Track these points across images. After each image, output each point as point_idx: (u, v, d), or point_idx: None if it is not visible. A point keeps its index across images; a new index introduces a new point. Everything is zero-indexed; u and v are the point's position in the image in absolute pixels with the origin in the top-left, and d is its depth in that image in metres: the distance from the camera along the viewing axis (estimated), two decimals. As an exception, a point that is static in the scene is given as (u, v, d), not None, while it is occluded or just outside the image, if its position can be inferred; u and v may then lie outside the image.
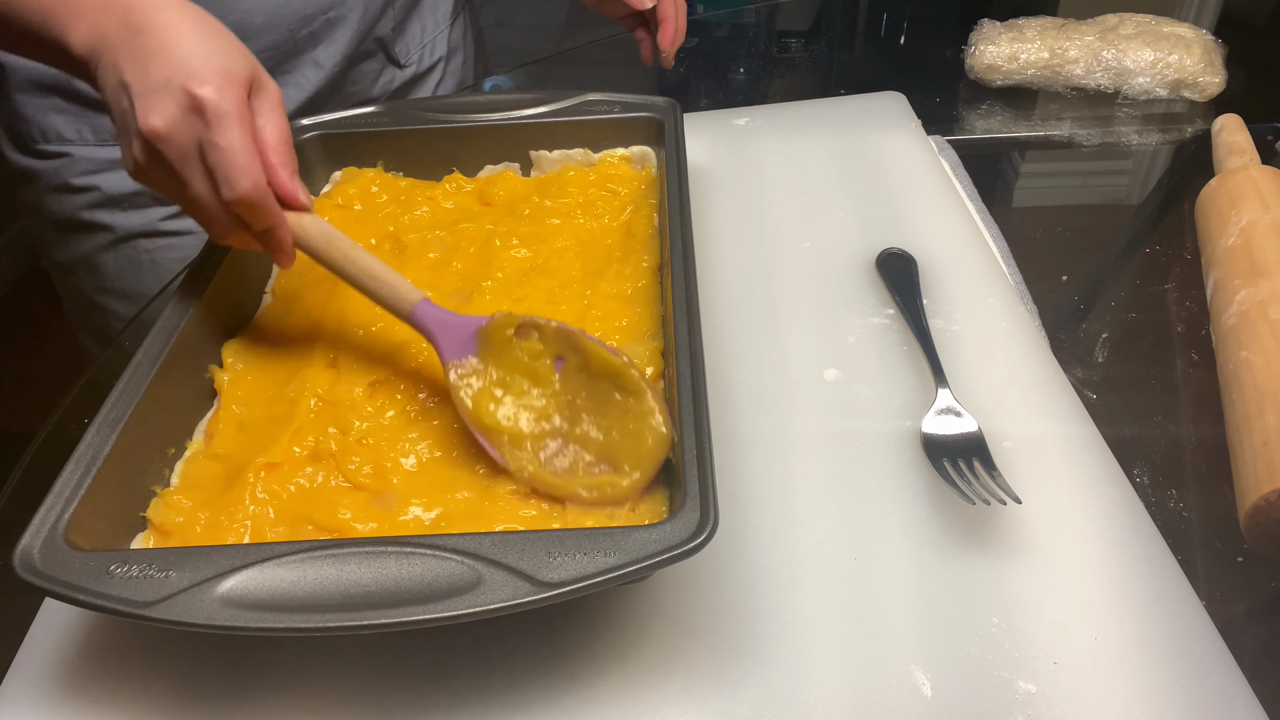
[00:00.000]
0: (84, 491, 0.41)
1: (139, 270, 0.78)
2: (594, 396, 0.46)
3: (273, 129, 0.48)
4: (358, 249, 0.51)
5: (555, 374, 0.48)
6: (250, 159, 0.46)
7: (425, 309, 0.50)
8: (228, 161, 0.45)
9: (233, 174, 0.45)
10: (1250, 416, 0.50)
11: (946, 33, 1.04)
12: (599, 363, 0.46)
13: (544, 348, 0.48)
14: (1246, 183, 0.65)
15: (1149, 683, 0.40)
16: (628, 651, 0.43)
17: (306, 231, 0.50)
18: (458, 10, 0.91)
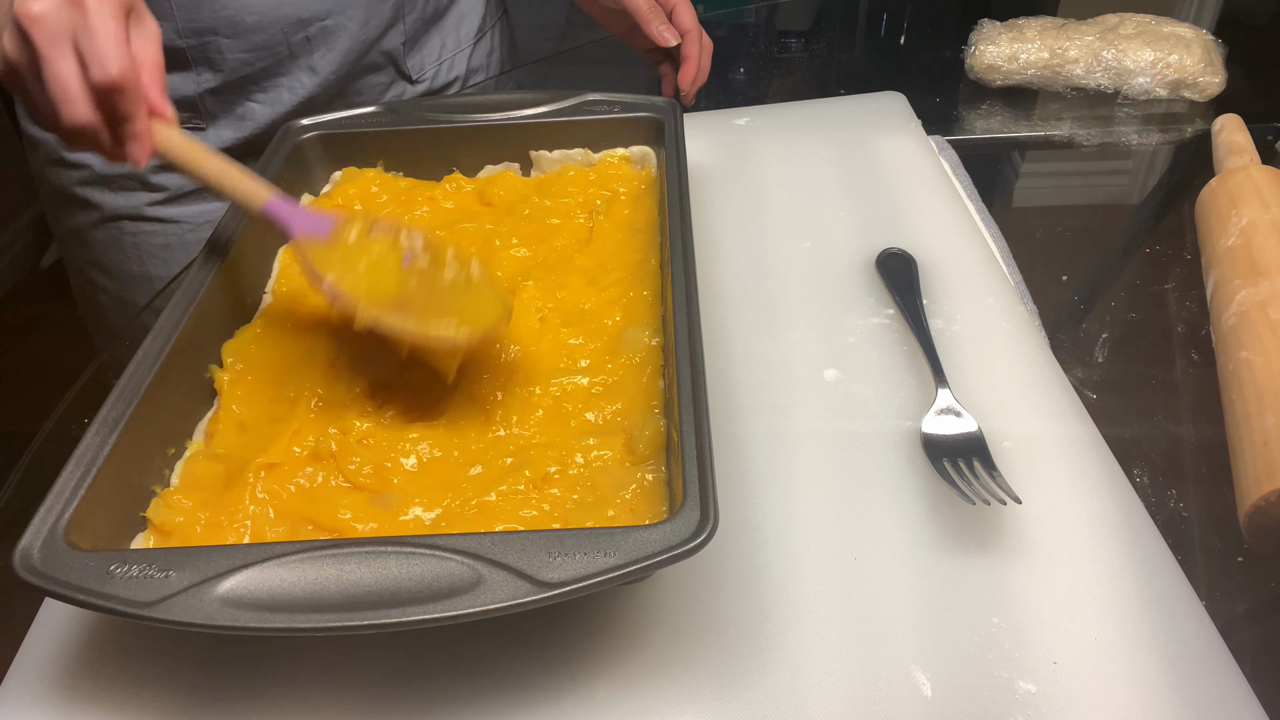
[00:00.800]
0: (84, 491, 0.41)
1: (123, 250, 0.80)
2: (439, 279, 0.50)
3: (146, 51, 0.50)
4: (216, 154, 0.53)
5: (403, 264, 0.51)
6: (122, 49, 0.47)
7: (278, 202, 0.53)
8: (101, 45, 0.46)
9: (105, 56, 0.46)
10: (1250, 416, 0.50)
11: (946, 33, 1.04)
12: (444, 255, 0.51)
13: (394, 240, 0.51)
14: (1246, 183, 0.65)
15: (1149, 682, 0.40)
16: (628, 651, 0.43)
17: (168, 133, 0.52)
18: (484, 30, 0.91)
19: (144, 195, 0.78)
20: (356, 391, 0.51)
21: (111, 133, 0.49)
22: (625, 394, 0.50)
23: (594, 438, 0.48)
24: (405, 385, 0.52)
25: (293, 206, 0.53)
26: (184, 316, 0.51)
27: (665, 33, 0.78)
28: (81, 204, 0.79)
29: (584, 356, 0.53)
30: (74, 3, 0.46)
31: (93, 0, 0.46)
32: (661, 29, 0.77)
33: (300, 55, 0.77)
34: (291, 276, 0.61)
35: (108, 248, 0.81)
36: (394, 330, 0.48)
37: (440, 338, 0.48)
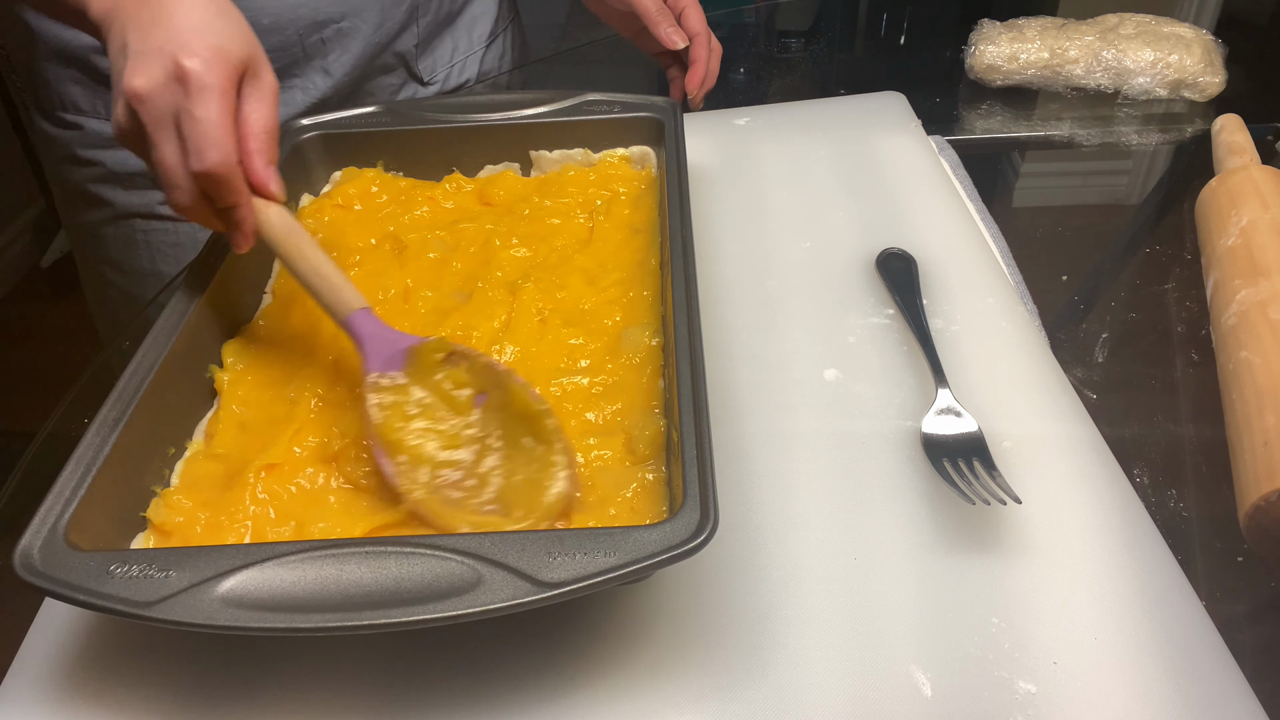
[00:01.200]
0: (84, 491, 0.41)
1: (135, 248, 0.80)
2: (507, 438, 0.46)
3: (258, 116, 0.49)
4: (314, 247, 0.51)
5: (475, 408, 0.47)
6: (223, 134, 0.46)
7: (361, 317, 0.50)
8: (200, 133, 0.46)
9: (204, 145, 0.46)
10: (1250, 416, 0.50)
11: (946, 33, 1.04)
12: (519, 404, 0.46)
13: (469, 379, 0.48)
14: (1246, 183, 0.65)
15: (1149, 683, 0.40)
16: (628, 651, 0.43)
17: (269, 218, 0.50)
18: (496, 33, 0.91)
19: (157, 194, 0.78)
20: (357, 392, 0.51)
21: (217, 213, 0.49)
22: (625, 394, 0.50)
23: (594, 438, 0.47)
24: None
25: (375, 326, 0.49)
26: (184, 316, 0.51)
27: (674, 35, 0.77)
28: (94, 201, 0.79)
29: (584, 356, 0.53)
30: (180, 79, 0.45)
31: (197, 78, 0.45)
32: (670, 31, 0.77)
33: (314, 57, 0.77)
34: (290, 278, 0.61)
35: (119, 245, 0.81)
36: (438, 520, 0.43)
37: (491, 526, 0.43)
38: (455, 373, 0.48)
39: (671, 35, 0.77)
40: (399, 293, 0.59)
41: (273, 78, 0.50)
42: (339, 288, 0.50)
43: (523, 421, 0.46)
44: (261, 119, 0.49)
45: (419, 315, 0.57)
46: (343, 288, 0.50)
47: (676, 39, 0.77)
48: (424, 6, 0.82)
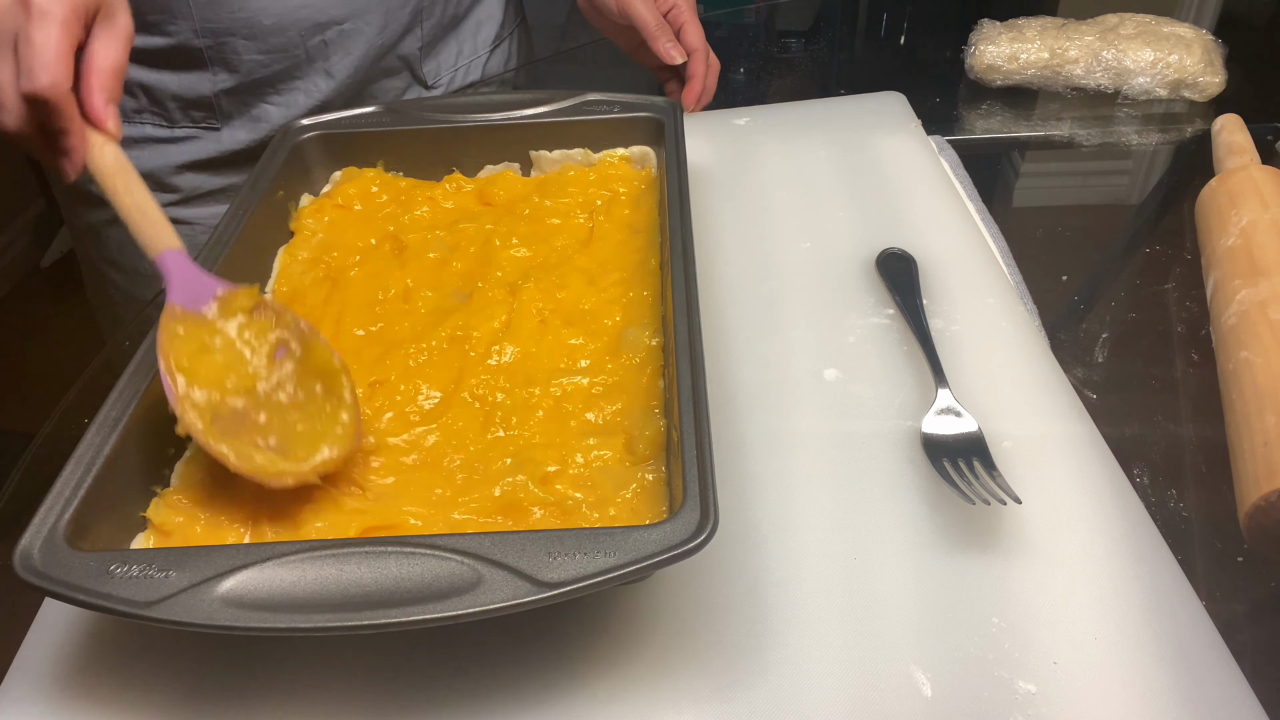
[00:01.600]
0: (84, 492, 0.41)
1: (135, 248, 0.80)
2: (301, 388, 0.47)
3: (105, 54, 0.49)
4: (143, 188, 0.50)
5: (275, 359, 0.48)
6: (55, 59, 0.46)
7: (173, 256, 0.49)
8: (33, 55, 0.46)
9: (35, 67, 0.46)
10: (1250, 416, 0.50)
11: (946, 33, 1.04)
12: (319, 360, 0.47)
13: (274, 331, 0.48)
14: (1246, 183, 0.65)
15: (1149, 683, 0.40)
16: (628, 651, 0.43)
17: (102, 152, 0.50)
18: (502, 37, 0.91)
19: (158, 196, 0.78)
20: (357, 392, 0.51)
21: (45, 141, 0.49)
22: (625, 394, 0.50)
23: (594, 438, 0.48)
24: (405, 387, 0.52)
25: (186, 267, 0.49)
26: (184, 316, 0.51)
27: (672, 50, 0.78)
28: (95, 201, 0.80)
29: (584, 357, 0.53)
30: (24, 4, 0.46)
31: (39, 5, 0.46)
32: (668, 46, 0.78)
33: (317, 59, 0.78)
34: (291, 277, 0.61)
35: (121, 245, 0.82)
36: (214, 454, 0.44)
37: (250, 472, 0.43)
38: (260, 323, 0.48)
39: (670, 50, 0.78)
40: (399, 293, 0.59)
41: (128, 20, 0.50)
42: (158, 226, 0.50)
43: (318, 375, 0.47)
44: (108, 56, 0.49)
45: (419, 315, 0.57)
46: (162, 226, 0.50)
47: (675, 54, 0.78)
48: (428, 10, 0.82)
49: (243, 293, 0.49)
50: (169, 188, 0.81)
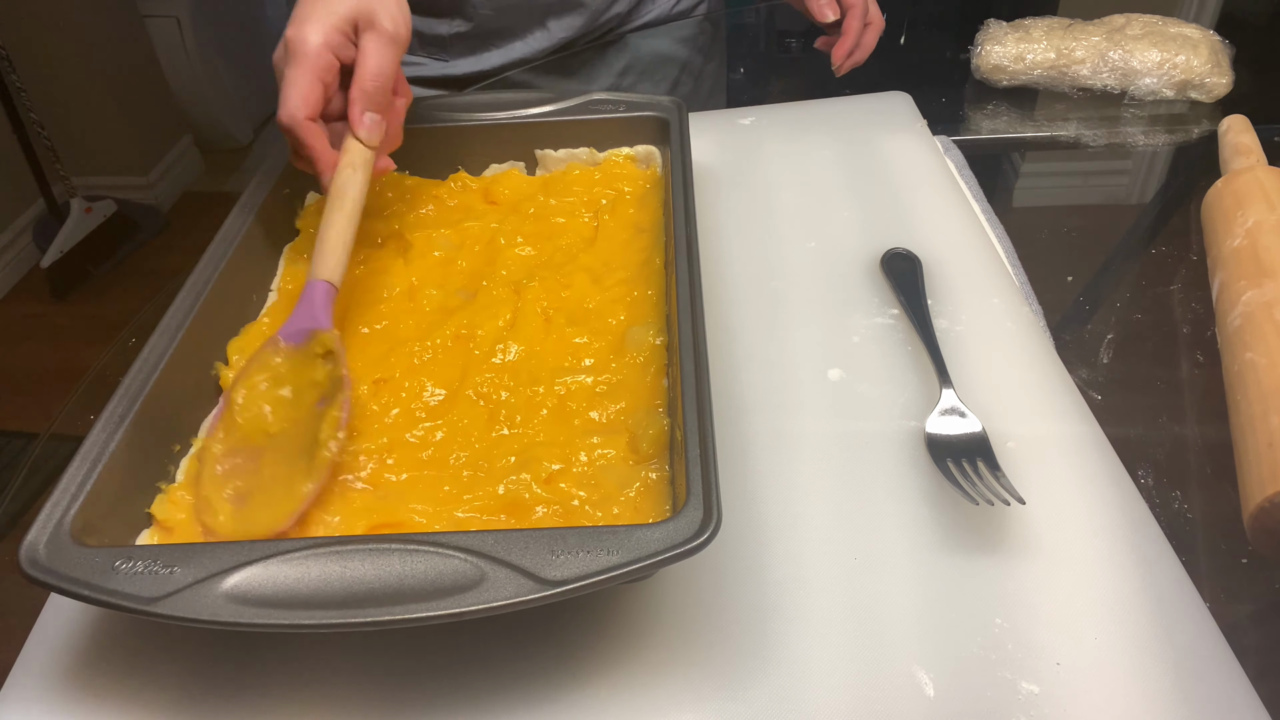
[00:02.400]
0: (89, 488, 0.42)
1: None
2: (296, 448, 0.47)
3: (367, 64, 0.55)
4: (342, 213, 0.54)
5: (311, 408, 0.49)
6: (291, 94, 0.53)
7: (315, 287, 0.52)
8: (283, 92, 0.54)
9: (281, 103, 0.54)
10: (1255, 418, 0.50)
11: (951, 33, 1.03)
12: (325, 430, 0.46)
13: (322, 385, 0.49)
14: (1253, 184, 0.65)
15: (1152, 684, 0.40)
16: (630, 650, 0.43)
17: (341, 175, 0.55)
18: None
19: None
20: (360, 390, 0.51)
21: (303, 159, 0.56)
22: (629, 393, 0.50)
23: (598, 436, 0.48)
24: (409, 384, 0.52)
25: (321, 304, 0.51)
26: (189, 314, 0.52)
27: (825, 9, 0.78)
28: None
29: (588, 355, 0.53)
30: (289, 42, 0.54)
31: (293, 45, 0.53)
32: (823, 3, 0.78)
33: (539, 20, 0.87)
34: (296, 275, 0.61)
35: None
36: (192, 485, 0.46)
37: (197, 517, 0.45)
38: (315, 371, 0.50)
39: (824, 8, 0.79)
40: (404, 291, 0.59)
41: (391, 24, 0.55)
42: (325, 256, 0.53)
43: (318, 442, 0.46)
44: (369, 65, 0.55)
45: (424, 314, 0.57)
46: (328, 257, 0.53)
47: (828, 11, 0.79)
48: None
49: (323, 336, 0.50)
50: None
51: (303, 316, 0.51)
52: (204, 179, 2.62)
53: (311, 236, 0.64)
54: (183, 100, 2.53)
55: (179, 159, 2.55)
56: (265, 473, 0.46)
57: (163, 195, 2.48)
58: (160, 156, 2.49)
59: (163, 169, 2.49)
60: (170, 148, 2.52)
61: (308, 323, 0.51)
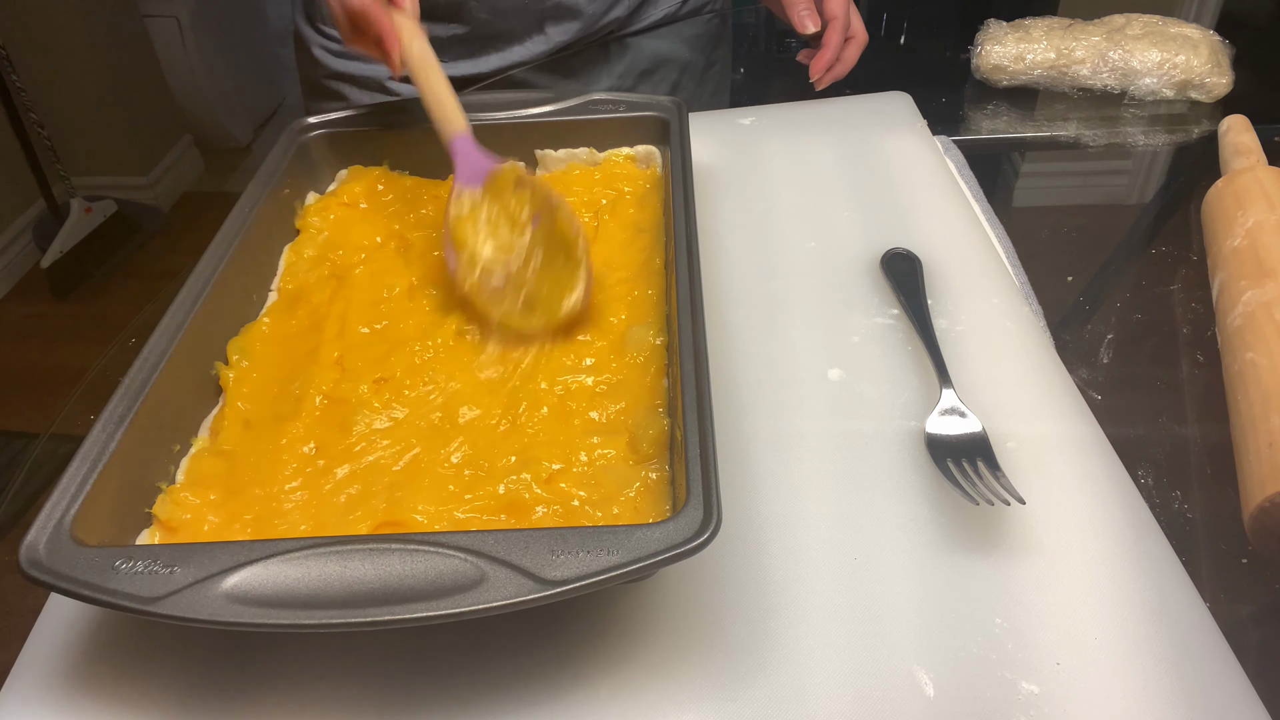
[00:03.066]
0: (89, 488, 0.42)
1: None
2: (547, 254, 0.56)
3: None
4: (441, 77, 0.60)
5: (530, 227, 0.56)
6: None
7: (460, 140, 0.59)
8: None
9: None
10: (1255, 418, 0.50)
11: (950, 33, 1.03)
12: (561, 230, 0.55)
13: (529, 203, 0.57)
14: (1253, 184, 0.65)
15: (1152, 684, 0.40)
16: (630, 650, 0.43)
17: (411, 49, 0.60)
18: None
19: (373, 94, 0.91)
20: (362, 390, 0.51)
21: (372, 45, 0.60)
22: (629, 393, 0.50)
23: (598, 436, 0.48)
24: (410, 383, 0.52)
25: (471, 150, 0.59)
26: (190, 314, 0.52)
27: (805, 20, 0.77)
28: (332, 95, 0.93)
29: (588, 355, 0.53)
30: None
31: None
32: (803, 15, 0.77)
33: (537, 27, 0.88)
34: (296, 274, 0.61)
35: None
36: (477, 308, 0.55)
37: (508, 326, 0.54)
38: (520, 194, 0.57)
39: (804, 19, 0.77)
40: (404, 290, 0.59)
41: None
42: (452, 113, 0.60)
43: (561, 244, 0.55)
44: None
45: (424, 313, 0.57)
46: (455, 114, 0.60)
47: (808, 23, 0.77)
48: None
49: (509, 169, 0.58)
50: (387, 90, 0.91)
51: (470, 167, 0.58)
52: (204, 179, 2.62)
53: (313, 236, 0.64)
54: (183, 100, 2.54)
55: (179, 159, 2.55)
56: (535, 280, 0.55)
57: (163, 195, 2.48)
58: (160, 156, 2.49)
59: (163, 169, 2.49)
60: (170, 148, 2.52)
61: (480, 166, 0.58)
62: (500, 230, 0.57)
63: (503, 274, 0.55)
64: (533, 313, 0.54)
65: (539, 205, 0.56)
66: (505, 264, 0.55)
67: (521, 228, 0.56)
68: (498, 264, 0.55)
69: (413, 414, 0.50)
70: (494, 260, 0.55)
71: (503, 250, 0.56)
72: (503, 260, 0.55)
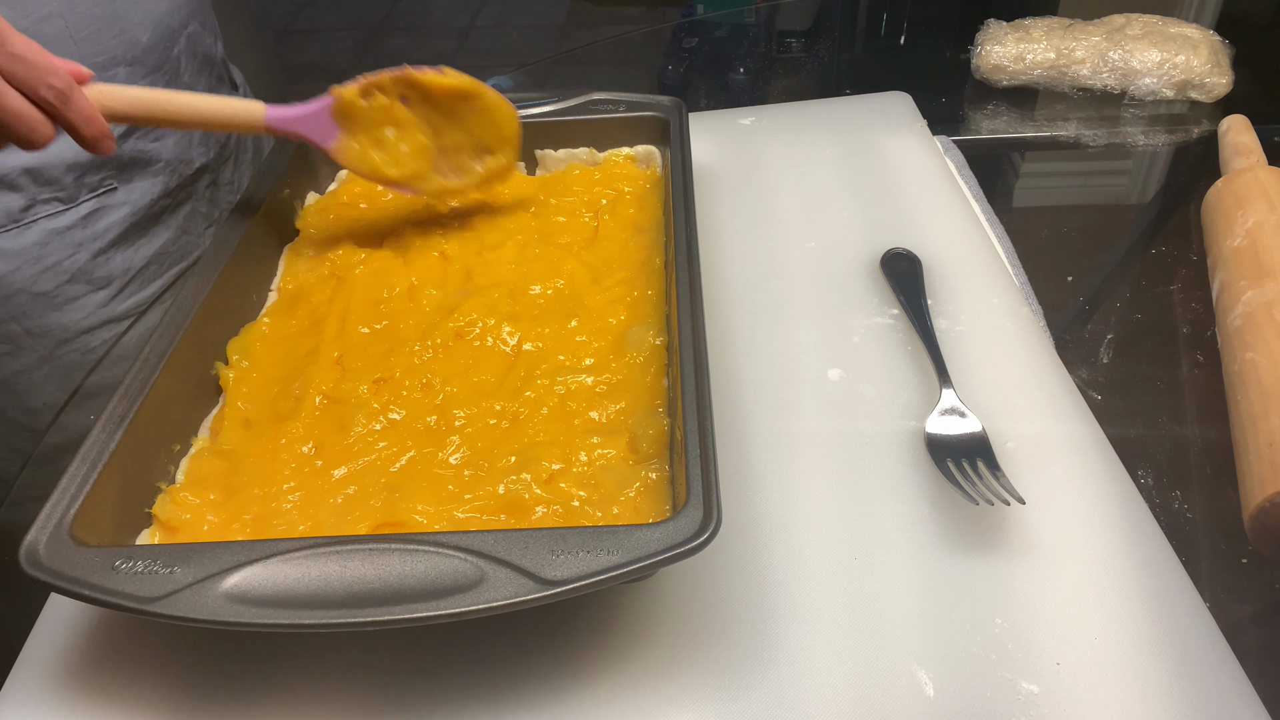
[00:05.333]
0: (90, 488, 0.42)
1: None
2: (445, 113, 0.58)
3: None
4: (172, 93, 0.54)
5: (407, 111, 0.58)
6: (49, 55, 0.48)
7: (275, 114, 0.56)
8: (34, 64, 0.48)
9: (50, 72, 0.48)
10: (1255, 418, 0.50)
11: (950, 33, 1.03)
12: (435, 88, 0.57)
13: (389, 98, 0.57)
14: (1253, 184, 0.65)
15: (1152, 684, 0.40)
16: (630, 650, 0.43)
17: (112, 96, 0.52)
18: None
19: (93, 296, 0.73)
20: (361, 390, 0.51)
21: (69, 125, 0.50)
22: (629, 393, 0.50)
23: (598, 436, 0.48)
24: (410, 383, 0.52)
25: (292, 112, 0.56)
26: (189, 314, 0.52)
27: None
28: None
29: (588, 355, 0.53)
30: None
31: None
32: None
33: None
34: (296, 275, 0.61)
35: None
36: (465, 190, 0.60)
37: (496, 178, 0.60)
38: (377, 100, 0.58)
39: None
40: (403, 290, 0.59)
41: None
42: (234, 107, 0.56)
43: (445, 97, 0.58)
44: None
45: (423, 313, 0.57)
46: (236, 105, 0.56)
47: None
48: None
49: (345, 92, 0.57)
50: (102, 282, 0.74)
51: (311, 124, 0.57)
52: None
53: (312, 236, 0.64)
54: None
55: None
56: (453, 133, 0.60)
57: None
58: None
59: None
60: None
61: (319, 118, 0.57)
62: (393, 136, 0.58)
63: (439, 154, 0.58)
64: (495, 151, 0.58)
65: (394, 89, 0.57)
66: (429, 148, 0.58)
67: (404, 117, 0.58)
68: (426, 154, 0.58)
69: (412, 414, 0.50)
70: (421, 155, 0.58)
71: (416, 144, 0.58)
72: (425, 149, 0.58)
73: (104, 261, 0.73)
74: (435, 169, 0.59)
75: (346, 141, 0.58)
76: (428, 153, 0.59)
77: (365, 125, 0.58)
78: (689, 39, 1.18)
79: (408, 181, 0.59)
